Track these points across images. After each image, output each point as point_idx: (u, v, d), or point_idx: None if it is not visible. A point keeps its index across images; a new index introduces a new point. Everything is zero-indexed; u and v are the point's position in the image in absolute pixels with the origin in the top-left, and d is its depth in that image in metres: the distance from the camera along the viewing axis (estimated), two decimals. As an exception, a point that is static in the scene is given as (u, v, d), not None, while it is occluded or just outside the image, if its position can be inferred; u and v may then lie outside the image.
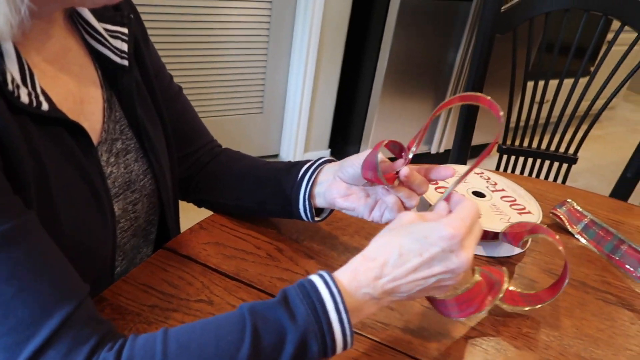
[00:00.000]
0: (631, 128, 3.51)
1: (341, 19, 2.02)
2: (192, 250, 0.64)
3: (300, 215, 0.64)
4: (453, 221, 0.45)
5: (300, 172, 0.63)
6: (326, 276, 0.44)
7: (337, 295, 0.43)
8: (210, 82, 1.98)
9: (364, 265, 0.46)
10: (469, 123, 1.20)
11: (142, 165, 0.62)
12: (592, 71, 1.11)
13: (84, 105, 0.55)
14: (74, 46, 0.55)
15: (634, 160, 1.14)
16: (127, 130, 0.60)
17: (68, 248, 0.48)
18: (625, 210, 0.89)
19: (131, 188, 0.60)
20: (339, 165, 0.60)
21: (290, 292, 0.44)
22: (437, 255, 0.45)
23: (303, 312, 0.42)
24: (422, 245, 0.45)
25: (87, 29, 0.56)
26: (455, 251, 0.45)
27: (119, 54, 0.58)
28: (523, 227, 0.67)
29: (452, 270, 0.45)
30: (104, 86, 0.58)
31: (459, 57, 2.15)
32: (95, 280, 0.55)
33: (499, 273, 0.55)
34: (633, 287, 0.69)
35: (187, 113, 0.73)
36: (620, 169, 1.18)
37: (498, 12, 1.08)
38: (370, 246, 0.47)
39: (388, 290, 0.45)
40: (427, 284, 0.46)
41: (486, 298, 0.53)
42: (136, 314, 0.54)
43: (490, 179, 0.83)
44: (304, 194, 0.62)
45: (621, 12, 1.05)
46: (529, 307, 0.60)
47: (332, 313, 0.43)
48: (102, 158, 0.56)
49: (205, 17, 1.83)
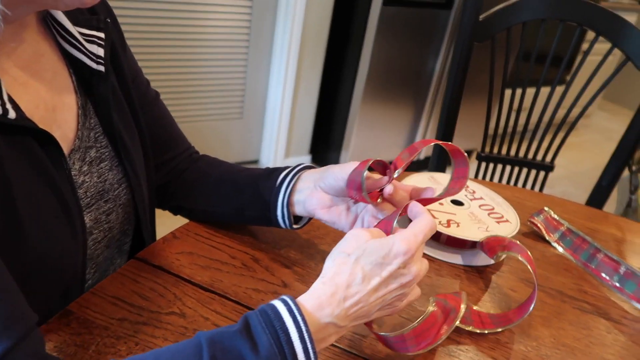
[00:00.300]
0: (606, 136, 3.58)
1: (322, 25, 2.02)
2: (164, 260, 0.62)
3: (279, 222, 0.62)
4: (407, 236, 0.45)
5: (279, 177, 0.62)
6: (290, 302, 0.42)
7: (302, 324, 0.41)
8: (189, 86, 1.96)
9: (326, 291, 0.44)
10: (448, 130, 1.21)
11: (116, 174, 0.60)
12: (568, 80, 1.13)
13: (56, 112, 0.53)
14: (47, 51, 0.53)
15: (609, 169, 1.16)
16: (102, 138, 0.58)
17: (33, 261, 0.46)
18: (601, 218, 0.90)
19: (104, 198, 0.58)
20: (320, 174, 0.59)
21: (252, 320, 0.41)
22: (394, 272, 0.45)
23: (266, 343, 0.39)
24: (382, 265, 0.45)
25: (61, 33, 0.54)
26: (408, 265, 0.46)
27: (94, 59, 0.56)
28: (499, 242, 0.66)
29: (405, 284, 0.46)
30: (78, 92, 0.56)
31: (439, 64, 2.17)
32: (64, 293, 0.53)
33: (455, 300, 0.55)
34: (609, 296, 0.69)
35: (165, 119, 0.72)
36: (596, 175, 1.19)
37: (476, 20, 1.08)
38: (329, 270, 0.46)
39: (351, 314, 0.44)
40: (384, 302, 0.46)
41: (442, 327, 0.53)
42: (104, 328, 0.51)
43: (469, 187, 0.83)
44: (282, 200, 0.61)
45: (595, 23, 1.07)
46: (500, 329, 0.59)
47: (297, 343, 0.40)
48: (75, 166, 0.54)
49: (185, 22, 1.81)
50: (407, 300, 0.48)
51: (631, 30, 1.05)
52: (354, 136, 2.18)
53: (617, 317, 0.65)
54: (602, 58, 1.10)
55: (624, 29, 1.05)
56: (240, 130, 2.19)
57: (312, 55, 2.07)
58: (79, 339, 0.50)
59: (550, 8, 1.09)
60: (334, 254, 0.47)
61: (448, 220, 0.72)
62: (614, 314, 0.66)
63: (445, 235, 0.72)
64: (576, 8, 1.08)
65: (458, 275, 0.68)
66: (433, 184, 0.82)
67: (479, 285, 0.67)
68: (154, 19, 1.75)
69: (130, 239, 0.69)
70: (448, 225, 0.71)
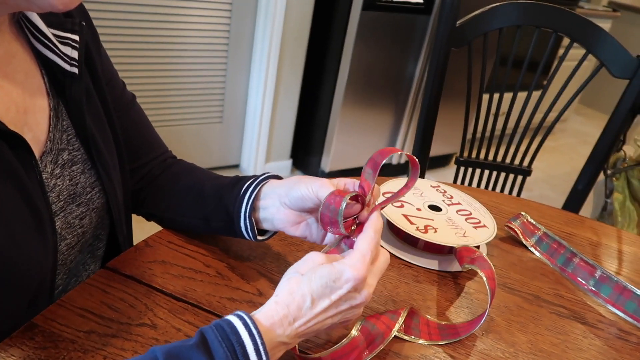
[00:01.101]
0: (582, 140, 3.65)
1: (302, 29, 2.01)
2: (136, 269, 0.60)
3: (243, 234, 0.61)
4: (356, 263, 0.46)
5: (242, 188, 0.60)
6: (245, 317, 0.43)
7: (258, 338, 0.42)
8: (168, 90, 1.93)
9: (279, 312, 0.45)
10: (426, 135, 1.21)
11: (89, 177, 0.59)
12: (545, 85, 1.14)
13: (28, 115, 0.51)
14: (19, 51, 0.51)
15: (585, 173, 1.17)
16: (75, 141, 0.57)
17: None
18: (577, 222, 0.91)
19: (77, 201, 0.57)
20: (285, 190, 0.57)
21: (209, 334, 0.41)
22: (344, 296, 0.46)
23: (222, 356, 0.40)
24: (331, 289, 0.46)
25: (34, 34, 0.53)
26: (359, 289, 0.47)
27: (68, 60, 0.54)
28: (469, 253, 0.66)
29: (356, 306, 0.48)
30: (50, 94, 0.55)
31: (418, 69, 2.18)
32: (31, 302, 0.51)
33: (386, 323, 0.55)
34: (585, 300, 0.69)
35: (141, 122, 0.71)
36: (572, 178, 1.21)
37: (453, 26, 1.09)
38: (282, 290, 0.47)
39: (300, 332, 0.46)
40: (334, 321, 0.48)
41: (363, 353, 0.53)
42: (71, 341, 0.49)
43: (447, 192, 0.83)
44: (244, 212, 0.59)
45: (570, 30, 1.09)
46: (444, 342, 0.58)
47: (252, 356, 0.41)
48: (47, 169, 0.53)
49: (164, 25, 1.78)
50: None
51: (605, 37, 1.06)
52: (334, 141, 2.18)
53: (593, 322, 0.66)
54: (577, 63, 1.12)
55: (598, 35, 1.07)
56: (220, 135, 2.17)
57: (292, 60, 2.06)
58: (44, 354, 0.48)
59: (525, 15, 1.10)
60: (290, 273, 0.48)
61: (425, 225, 0.72)
62: (590, 318, 0.66)
63: (422, 240, 0.71)
64: (551, 15, 1.09)
65: (436, 281, 0.68)
66: (411, 189, 0.81)
67: (455, 291, 0.67)
68: (133, 21, 1.72)
69: (103, 244, 0.67)
70: (425, 231, 0.71)
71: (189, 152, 2.10)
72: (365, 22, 1.93)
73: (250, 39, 1.99)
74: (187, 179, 0.68)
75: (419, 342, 0.57)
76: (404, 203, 0.77)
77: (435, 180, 0.88)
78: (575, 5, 2.82)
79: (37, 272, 0.50)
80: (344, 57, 2.02)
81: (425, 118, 1.19)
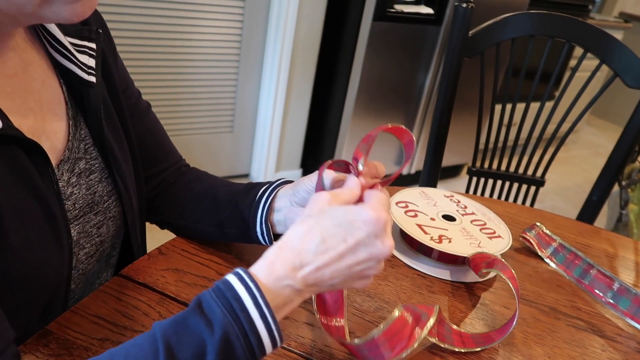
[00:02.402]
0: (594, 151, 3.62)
1: (313, 39, 2.03)
2: (149, 277, 0.60)
3: (259, 239, 0.60)
4: (376, 205, 0.43)
5: (257, 194, 0.61)
6: (241, 272, 0.40)
7: (255, 290, 0.39)
8: (179, 99, 1.95)
9: (280, 257, 0.41)
10: (439, 145, 1.21)
11: (106, 186, 0.59)
12: (557, 96, 1.14)
13: (45, 123, 0.52)
14: (35, 60, 0.52)
15: (600, 183, 1.16)
16: (92, 150, 0.57)
17: (15, 273, 0.45)
18: (592, 233, 0.89)
19: (94, 210, 0.57)
20: (293, 190, 0.57)
21: (204, 296, 0.39)
22: (363, 240, 0.41)
23: (219, 314, 0.38)
24: (347, 229, 0.41)
25: (51, 43, 0.54)
26: (380, 237, 0.42)
27: (85, 69, 0.55)
28: (484, 259, 0.65)
29: (376, 256, 0.42)
30: (68, 103, 0.55)
31: (428, 79, 2.18)
32: (46, 309, 0.51)
33: (425, 307, 0.54)
34: (603, 313, 0.68)
35: (156, 131, 0.71)
36: (585, 190, 1.19)
37: (466, 36, 1.09)
38: (288, 235, 0.43)
39: (310, 281, 0.41)
40: (351, 272, 0.42)
41: (414, 330, 0.50)
42: (84, 349, 0.49)
43: (461, 202, 0.83)
44: (261, 217, 0.59)
45: (584, 39, 1.08)
46: (479, 348, 0.57)
47: (252, 310, 0.39)
48: (63, 178, 0.53)
49: (175, 34, 1.80)
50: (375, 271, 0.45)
51: (619, 47, 1.06)
52: (344, 150, 2.18)
53: (612, 335, 0.64)
54: (590, 74, 1.11)
55: (612, 45, 1.06)
56: (231, 144, 2.18)
57: (303, 70, 2.07)
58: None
59: (539, 25, 1.10)
60: (299, 219, 0.44)
61: (440, 235, 0.71)
62: (609, 331, 0.65)
63: (437, 251, 0.71)
64: (565, 25, 1.09)
65: (450, 292, 0.67)
66: (424, 198, 0.81)
67: (470, 302, 0.66)
68: (144, 32, 1.74)
69: (117, 252, 0.67)
70: (440, 241, 0.70)
71: (200, 161, 2.11)
72: (375, 32, 1.94)
73: (261, 49, 2.01)
74: (201, 186, 0.68)
75: (455, 349, 0.56)
76: (417, 212, 0.76)
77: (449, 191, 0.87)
78: (587, 17, 2.81)
79: (53, 278, 0.50)
80: (354, 67, 2.02)
81: (437, 128, 1.18)
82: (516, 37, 1.11)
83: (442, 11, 2.03)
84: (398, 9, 1.94)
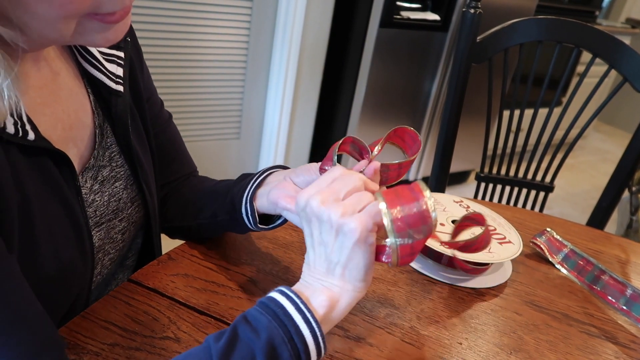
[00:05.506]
0: (601, 157, 3.60)
1: (319, 46, 2.03)
2: (159, 282, 0.60)
3: (244, 221, 0.58)
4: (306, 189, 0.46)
5: (253, 177, 0.59)
6: (282, 288, 0.45)
7: (297, 299, 0.43)
8: (186, 106, 1.96)
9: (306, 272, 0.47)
10: (447, 151, 1.20)
11: (130, 192, 0.60)
12: (565, 102, 1.13)
13: (73, 131, 0.52)
14: (62, 69, 0.52)
15: (609, 189, 1.15)
16: (118, 157, 0.58)
17: (43, 280, 0.46)
18: (603, 239, 0.89)
19: (119, 217, 0.58)
20: (293, 169, 0.57)
21: (249, 311, 0.43)
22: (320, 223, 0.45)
23: (264, 321, 0.41)
24: (307, 221, 0.46)
25: (81, 52, 0.54)
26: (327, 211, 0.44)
27: (113, 78, 0.55)
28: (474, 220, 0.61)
29: (338, 224, 0.43)
30: (95, 111, 0.55)
31: (435, 85, 2.18)
32: (66, 315, 0.52)
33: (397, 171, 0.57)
34: (615, 319, 0.67)
35: (175, 141, 0.72)
36: (593, 196, 1.19)
37: (474, 42, 1.09)
38: None
39: (337, 274, 0.45)
40: (346, 208, 0.44)
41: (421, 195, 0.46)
42: (95, 354, 0.49)
43: (470, 207, 0.82)
44: (246, 196, 0.57)
45: (592, 45, 1.08)
46: None
47: (295, 315, 0.42)
48: (86, 185, 0.54)
49: (182, 42, 1.81)
50: None
51: (628, 52, 1.05)
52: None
53: (626, 342, 0.63)
54: (598, 80, 1.10)
55: (622, 50, 1.06)
56: (238, 151, 2.19)
57: (310, 76, 2.08)
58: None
59: (547, 30, 1.09)
60: None
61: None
62: (622, 338, 0.64)
63: (447, 256, 0.70)
64: (573, 30, 1.09)
65: (460, 298, 0.66)
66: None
67: (480, 308, 0.65)
68: (152, 39, 1.75)
69: (133, 253, 0.68)
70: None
71: (206, 168, 2.11)
72: (382, 39, 1.94)
73: (268, 56, 2.02)
74: (203, 185, 0.69)
75: None
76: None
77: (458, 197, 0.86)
78: (593, 22, 2.81)
79: (77, 285, 0.51)
80: (361, 74, 2.03)
81: (445, 133, 1.18)
82: (524, 42, 1.11)
83: (448, 17, 2.03)
84: (404, 15, 1.95)
